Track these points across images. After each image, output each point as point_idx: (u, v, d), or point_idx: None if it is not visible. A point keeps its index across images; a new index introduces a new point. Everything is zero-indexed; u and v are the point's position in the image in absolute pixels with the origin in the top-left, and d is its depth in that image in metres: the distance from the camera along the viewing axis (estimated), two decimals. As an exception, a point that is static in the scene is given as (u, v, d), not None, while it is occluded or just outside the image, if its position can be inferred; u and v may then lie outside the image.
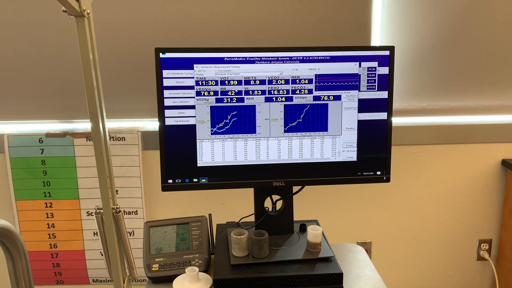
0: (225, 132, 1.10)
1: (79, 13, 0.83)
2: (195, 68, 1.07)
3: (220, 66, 1.07)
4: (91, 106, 0.90)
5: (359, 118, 1.12)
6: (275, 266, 1.05)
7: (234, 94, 1.09)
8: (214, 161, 1.11)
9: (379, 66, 1.10)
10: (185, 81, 1.07)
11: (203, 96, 1.08)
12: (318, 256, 1.08)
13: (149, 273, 1.13)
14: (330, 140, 1.13)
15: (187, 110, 1.08)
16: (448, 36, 1.80)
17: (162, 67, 1.07)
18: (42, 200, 1.81)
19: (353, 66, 1.10)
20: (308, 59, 1.08)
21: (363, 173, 1.15)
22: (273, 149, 1.12)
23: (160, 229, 1.21)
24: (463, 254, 2.04)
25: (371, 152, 1.14)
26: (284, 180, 1.13)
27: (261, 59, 1.08)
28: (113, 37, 1.69)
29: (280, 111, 1.10)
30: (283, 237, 1.17)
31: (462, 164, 1.93)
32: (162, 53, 1.06)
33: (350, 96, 1.11)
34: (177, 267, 1.14)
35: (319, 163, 1.13)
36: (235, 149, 1.11)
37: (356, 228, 1.98)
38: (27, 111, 1.77)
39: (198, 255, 1.17)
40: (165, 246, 1.18)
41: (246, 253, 1.10)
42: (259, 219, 1.17)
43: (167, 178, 1.11)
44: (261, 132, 1.11)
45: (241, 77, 1.08)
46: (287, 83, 1.09)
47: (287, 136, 1.11)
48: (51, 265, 1.88)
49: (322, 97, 1.10)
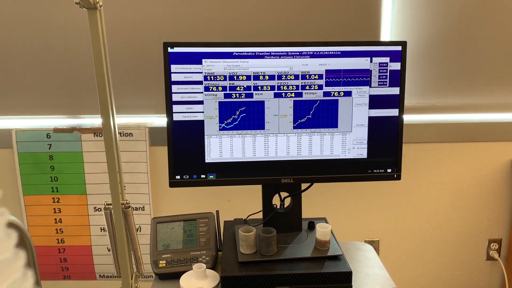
0: (234, 128, 1.09)
1: (92, 5, 0.82)
2: (204, 63, 1.06)
3: (228, 61, 1.06)
4: (102, 99, 0.89)
5: (370, 115, 1.10)
6: (283, 264, 1.04)
7: (243, 89, 1.07)
8: (222, 157, 1.10)
9: (391, 61, 1.08)
10: (194, 76, 1.06)
11: (212, 91, 1.07)
12: (327, 254, 1.06)
13: (156, 269, 1.12)
14: (340, 136, 1.11)
15: (195, 105, 1.07)
16: (458, 32, 1.77)
17: (170, 62, 1.05)
18: (50, 195, 1.81)
19: (364, 62, 1.08)
20: (318, 54, 1.07)
21: (373, 171, 1.13)
22: (282, 146, 1.10)
23: (167, 225, 1.20)
24: (472, 254, 2.02)
25: (381, 149, 1.12)
26: (293, 177, 1.12)
27: (270, 54, 1.06)
28: (120, 32, 1.68)
29: (290, 107, 1.08)
30: (291, 235, 1.16)
31: (471, 162, 1.91)
32: (170, 47, 1.05)
33: (361, 92, 1.09)
34: (184, 264, 1.13)
35: (329, 160, 1.12)
36: (244, 145, 1.10)
37: (364, 226, 1.96)
38: (35, 106, 1.77)
39: (205, 251, 1.16)
40: (172, 243, 1.17)
41: (254, 250, 1.08)
42: (267, 216, 1.16)
43: (175, 174, 1.10)
44: (269, 128, 1.09)
45: (250, 72, 1.07)
46: (297, 78, 1.07)
47: (296, 133, 1.10)
48: (58, 260, 1.88)
49: (333, 93, 1.08)
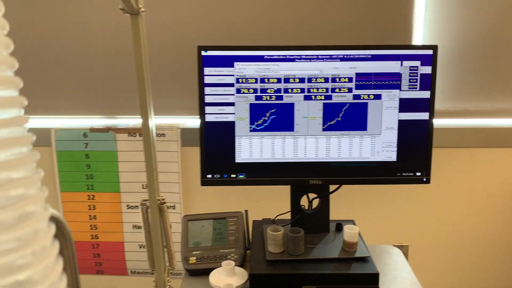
0: (264, 129, 1.11)
1: (135, 11, 0.87)
2: (236, 66, 1.09)
3: (260, 64, 1.08)
4: (142, 101, 0.93)
5: (399, 118, 1.10)
6: (311, 264, 1.05)
7: (273, 92, 1.10)
8: (252, 158, 1.13)
9: (422, 65, 1.08)
10: (226, 79, 1.09)
11: (243, 94, 1.10)
12: (354, 256, 1.07)
13: (186, 265, 1.16)
14: (369, 139, 1.12)
15: (227, 107, 1.10)
16: (493, 35, 1.74)
17: (203, 65, 1.09)
18: (85, 192, 1.89)
19: (394, 65, 1.08)
20: (348, 58, 1.08)
21: (402, 174, 1.13)
22: (311, 147, 1.12)
23: (198, 223, 1.24)
24: (506, 265, 1.97)
25: (411, 152, 1.12)
26: (322, 179, 1.13)
27: (301, 57, 1.08)
28: (153, 35, 1.74)
29: (319, 109, 1.10)
30: (319, 236, 1.17)
31: (506, 168, 1.86)
32: (204, 51, 1.09)
33: (391, 95, 1.09)
34: (213, 261, 1.16)
35: (358, 163, 1.13)
36: (273, 146, 1.12)
37: (393, 230, 1.94)
38: (73, 107, 1.85)
39: (234, 250, 1.18)
40: (202, 240, 1.21)
41: (281, 249, 1.10)
42: (295, 216, 1.18)
43: (206, 173, 1.13)
44: (299, 130, 1.11)
45: (281, 75, 1.09)
46: (327, 81, 1.09)
47: (325, 135, 1.11)
48: (92, 255, 1.95)
49: (362, 96, 1.09)
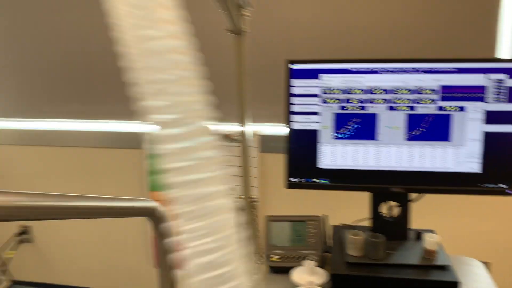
0: (347, 138, 1.17)
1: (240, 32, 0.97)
2: (322, 78, 1.16)
3: (345, 76, 1.15)
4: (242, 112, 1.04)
5: (485, 130, 1.11)
6: (391, 268, 1.09)
7: (357, 102, 1.15)
8: (335, 164, 1.19)
9: (510, 78, 1.08)
10: (312, 90, 1.17)
11: (328, 104, 1.17)
12: (434, 263, 1.09)
13: (269, 262, 1.24)
14: (453, 150, 1.13)
15: (312, 116, 1.18)
16: None
17: (291, 77, 1.18)
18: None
19: (479, 78, 1.10)
20: (433, 70, 1.11)
21: (485, 185, 1.13)
22: (393, 156, 1.16)
23: (278, 224, 1.32)
24: None
25: (496, 164, 1.12)
26: (404, 187, 1.17)
27: (385, 70, 1.13)
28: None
29: (402, 120, 1.14)
30: (398, 243, 1.20)
31: None
32: (291, 64, 1.18)
33: (476, 107, 1.11)
34: (294, 261, 1.23)
35: (440, 173, 1.15)
36: (356, 153, 1.18)
37: (475, 244, 1.89)
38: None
39: (313, 251, 1.25)
40: (283, 240, 1.29)
41: (361, 254, 1.15)
42: (375, 223, 1.22)
43: (291, 177, 1.21)
44: (382, 139, 1.16)
45: (365, 86, 1.14)
46: (411, 92, 1.13)
47: (408, 144, 1.15)
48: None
49: (446, 108, 1.12)
